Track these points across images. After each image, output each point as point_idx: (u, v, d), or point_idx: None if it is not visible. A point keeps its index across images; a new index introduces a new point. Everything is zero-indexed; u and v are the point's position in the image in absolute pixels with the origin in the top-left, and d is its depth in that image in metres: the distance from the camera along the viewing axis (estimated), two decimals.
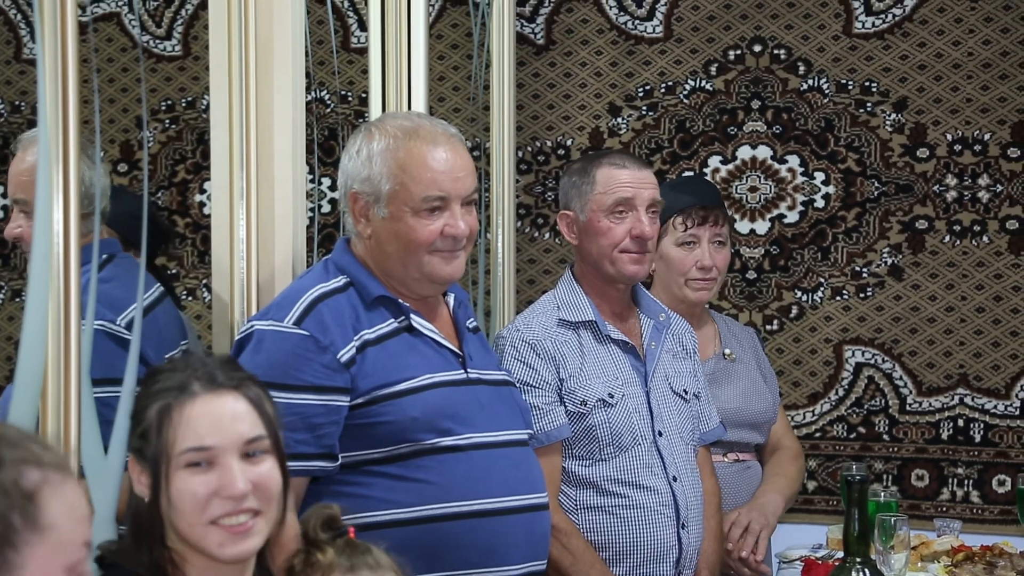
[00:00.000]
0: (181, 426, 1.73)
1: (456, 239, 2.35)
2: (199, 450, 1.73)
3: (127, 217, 2.75)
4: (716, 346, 3.29)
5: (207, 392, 1.75)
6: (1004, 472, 4.02)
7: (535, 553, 2.39)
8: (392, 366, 2.30)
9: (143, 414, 1.76)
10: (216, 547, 1.73)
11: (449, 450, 2.30)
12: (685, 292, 3.18)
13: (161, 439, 1.73)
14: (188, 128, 4.53)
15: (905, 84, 4.09)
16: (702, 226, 3.16)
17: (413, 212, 2.33)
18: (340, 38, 4.42)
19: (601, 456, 2.74)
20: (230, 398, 1.77)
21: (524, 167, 4.31)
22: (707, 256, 3.16)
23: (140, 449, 1.76)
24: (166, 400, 1.74)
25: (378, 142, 2.36)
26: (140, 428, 1.76)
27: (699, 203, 3.17)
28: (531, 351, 2.73)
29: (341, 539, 1.82)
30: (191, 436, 1.73)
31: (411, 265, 2.35)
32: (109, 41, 4.59)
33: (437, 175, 2.33)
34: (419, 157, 2.33)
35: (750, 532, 3.02)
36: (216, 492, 1.72)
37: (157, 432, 1.73)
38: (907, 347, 4.09)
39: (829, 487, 4.12)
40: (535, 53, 4.32)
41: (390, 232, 2.35)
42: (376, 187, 2.35)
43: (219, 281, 2.48)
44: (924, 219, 4.08)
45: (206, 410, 1.74)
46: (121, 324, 2.46)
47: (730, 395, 3.19)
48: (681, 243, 3.16)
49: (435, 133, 2.37)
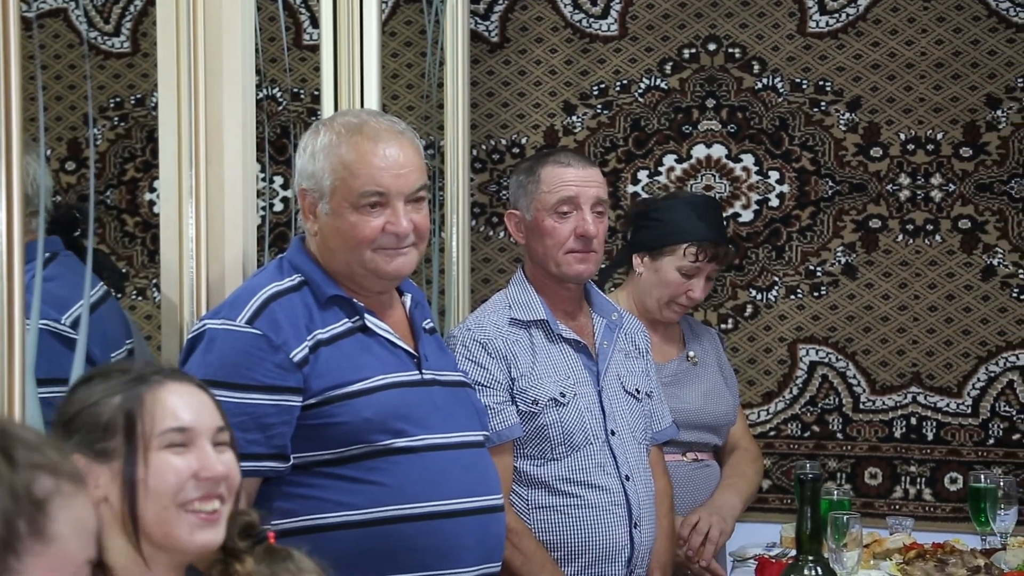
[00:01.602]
0: (157, 408, 1.70)
1: (399, 236, 2.32)
2: (179, 430, 1.70)
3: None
4: (680, 348, 3.29)
5: (171, 380, 1.74)
6: (956, 470, 4.04)
7: (489, 555, 2.38)
8: (345, 366, 2.29)
9: (96, 410, 1.70)
10: (187, 534, 1.70)
11: (403, 451, 2.29)
12: (662, 311, 3.20)
13: (135, 424, 1.68)
14: (137, 126, 4.48)
15: (859, 83, 4.11)
16: (709, 263, 3.16)
17: (353, 208, 2.31)
18: (292, 35, 4.38)
19: (553, 456, 2.73)
20: (194, 387, 1.76)
21: (478, 165, 4.29)
22: (700, 290, 3.18)
23: (91, 444, 1.69)
24: (131, 390, 1.70)
25: (322, 138, 2.35)
26: (95, 423, 1.70)
27: (715, 238, 3.17)
28: (482, 350, 2.72)
29: (260, 546, 1.78)
30: (169, 417, 1.70)
31: (354, 262, 2.33)
32: (56, 37, 4.53)
33: (376, 171, 2.31)
34: (360, 152, 2.32)
35: (710, 540, 3.02)
36: (196, 473, 1.70)
37: (126, 419, 1.68)
38: (861, 346, 4.10)
39: (783, 485, 4.13)
40: (489, 51, 4.30)
41: (333, 228, 2.33)
42: (320, 183, 2.33)
43: (168, 281, 2.45)
44: (877, 218, 4.10)
45: (177, 394, 1.73)
46: (66, 323, 2.42)
47: (691, 396, 3.20)
48: (683, 270, 3.16)
49: (379, 129, 2.34)
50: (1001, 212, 4.02)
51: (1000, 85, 4.01)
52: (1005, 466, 3.96)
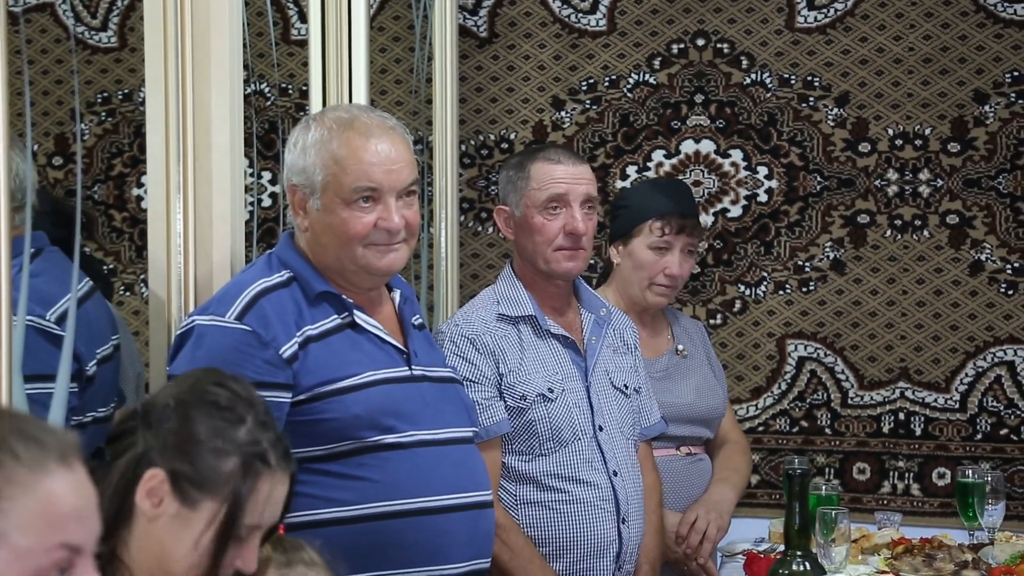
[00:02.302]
0: (265, 499, 1.71)
1: (391, 232, 2.32)
2: (258, 527, 1.72)
3: (39, 214, 2.69)
4: (669, 342, 3.28)
5: (283, 472, 1.75)
6: (944, 465, 4.05)
7: (479, 551, 2.38)
8: (335, 363, 2.28)
9: (211, 459, 1.69)
10: None
11: (392, 448, 2.28)
12: (646, 295, 3.17)
13: (244, 503, 1.68)
14: (125, 121, 4.46)
15: (847, 79, 4.11)
16: (678, 235, 3.15)
17: (345, 204, 2.30)
18: (280, 30, 4.37)
19: (541, 451, 2.73)
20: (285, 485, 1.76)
21: (467, 161, 4.29)
22: (676, 265, 3.15)
23: (181, 477, 1.68)
24: (253, 456, 1.71)
25: (313, 133, 2.34)
26: (198, 465, 1.69)
27: (679, 211, 3.16)
28: (470, 346, 2.71)
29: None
30: (268, 513, 1.72)
31: (346, 258, 2.33)
32: (42, 32, 4.51)
33: (368, 166, 2.30)
34: (352, 148, 2.31)
35: (707, 539, 3.02)
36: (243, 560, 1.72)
37: (238, 493, 1.68)
38: (849, 341, 4.11)
39: (772, 481, 4.14)
40: (478, 46, 4.29)
41: (324, 224, 2.33)
42: (311, 179, 2.32)
43: (156, 277, 2.44)
44: (866, 213, 4.10)
45: (281, 489, 1.74)
46: (51, 319, 2.41)
47: (684, 391, 3.19)
48: (654, 247, 3.15)
49: (370, 124, 2.34)
50: (989, 207, 4.02)
51: (988, 80, 4.02)
52: (993, 461, 3.97)
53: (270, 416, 1.79)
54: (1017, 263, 4.00)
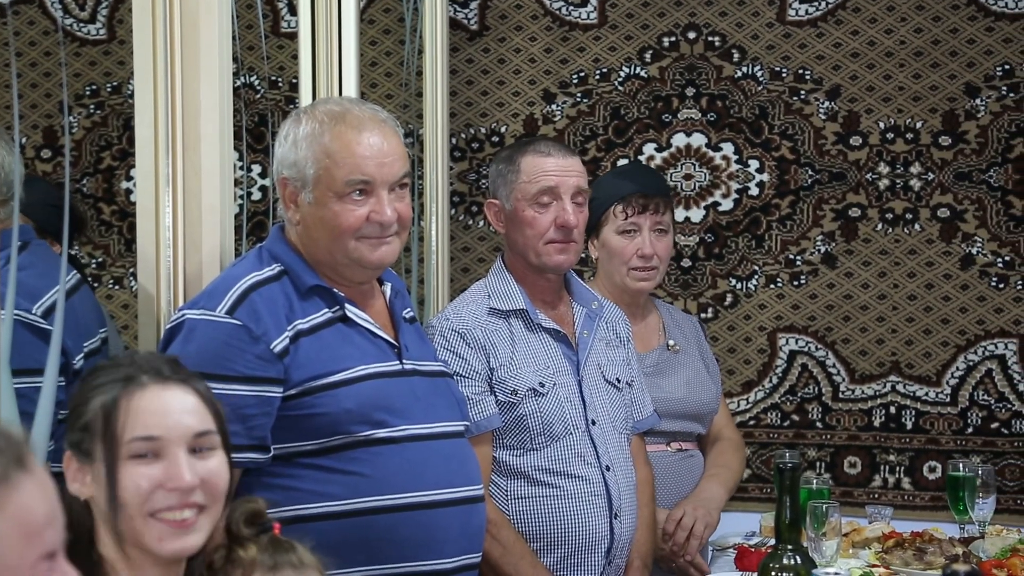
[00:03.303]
0: (129, 416, 1.68)
1: (383, 225, 2.31)
2: (146, 440, 1.68)
3: (42, 205, 2.68)
4: (661, 337, 3.27)
5: (155, 383, 1.72)
6: (935, 459, 4.05)
7: (470, 546, 2.37)
8: (326, 357, 2.28)
9: (84, 407, 1.71)
10: (156, 542, 1.68)
11: (383, 442, 2.28)
12: (627, 281, 3.15)
13: (109, 429, 1.68)
14: (114, 114, 4.44)
15: (838, 72, 4.10)
16: (643, 214, 3.14)
17: (337, 197, 2.30)
18: (269, 23, 4.35)
19: (532, 445, 2.72)
20: (179, 391, 1.74)
21: (458, 154, 4.28)
22: (648, 244, 3.13)
23: (79, 443, 1.71)
24: (112, 392, 1.70)
25: (304, 126, 2.34)
26: (81, 422, 1.71)
27: (640, 191, 3.15)
28: (461, 340, 2.70)
29: (265, 536, 1.78)
30: (139, 426, 1.69)
31: (337, 251, 2.32)
32: (30, 24, 4.49)
33: (361, 160, 2.30)
34: (343, 141, 2.30)
35: (694, 536, 3.01)
36: (162, 484, 1.68)
37: (104, 423, 1.68)
38: (840, 335, 4.11)
39: (763, 475, 4.14)
40: (468, 39, 4.28)
41: (316, 218, 2.32)
42: (302, 172, 2.32)
43: (145, 271, 2.43)
44: (857, 207, 4.10)
45: (155, 401, 1.71)
46: (37, 313, 2.39)
47: (674, 385, 3.18)
48: (622, 231, 3.14)
49: (362, 118, 2.33)
50: (980, 201, 4.02)
51: (979, 74, 4.01)
52: (984, 455, 3.97)
53: (154, 356, 1.81)
54: (1008, 257, 4.01)
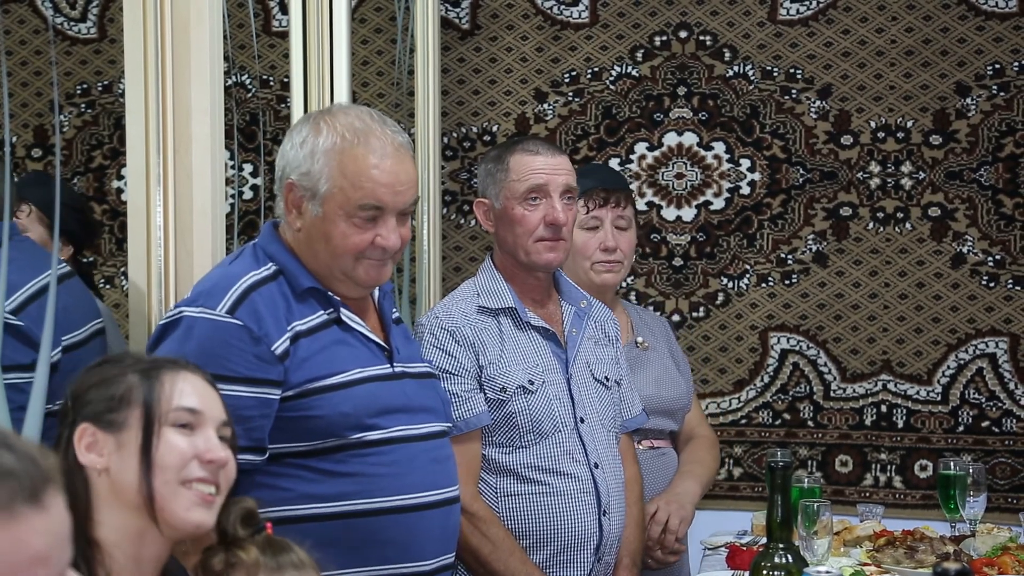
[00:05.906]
0: (176, 385, 1.77)
1: (386, 250, 2.32)
2: (190, 411, 1.77)
3: (61, 207, 2.65)
4: (629, 334, 3.28)
5: (186, 370, 1.81)
6: (926, 457, 4.06)
7: (447, 546, 2.38)
8: (323, 359, 2.27)
9: (115, 381, 1.76)
10: (184, 510, 1.74)
11: (373, 445, 2.27)
12: (591, 275, 3.17)
13: (152, 395, 1.75)
14: (105, 112, 4.44)
15: (829, 71, 4.11)
16: (603, 208, 3.17)
17: (347, 217, 2.29)
18: (261, 21, 4.35)
19: (521, 443, 2.72)
20: (205, 381, 1.83)
21: (449, 153, 4.28)
22: (610, 237, 3.16)
23: (102, 414, 1.75)
24: (149, 370, 1.77)
25: (325, 138, 2.31)
26: (108, 393, 1.75)
27: (600, 185, 3.17)
28: (450, 338, 2.70)
29: (260, 536, 1.78)
30: (185, 396, 1.77)
31: (336, 267, 2.32)
32: (21, 23, 4.48)
33: (377, 186, 2.29)
34: (363, 165, 2.29)
35: (669, 530, 3.03)
36: (199, 455, 1.75)
37: (147, 391, 1.75)
38: (831, 333, 4.11)
39: (755, 473, 4.14)
40: (460, 38, 4.28)
41: (320, 231, 2.31)
42: (314, 184, 2.30)
43: (136, 269, 2.42)
44: (848, 206, 4.10)
45: (192, 382, 1.80)
46: (7, 309, 2.36)
47: (643, 382, 3.19)
48: (585, 227, 3.16)
49: (384, 142, 2.31)
50: (971, 200, 4.03)
51: (970, 73, 4.02)
52: (975, 453, 3.98)
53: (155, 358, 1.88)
54: (998, 255, 4.01)
